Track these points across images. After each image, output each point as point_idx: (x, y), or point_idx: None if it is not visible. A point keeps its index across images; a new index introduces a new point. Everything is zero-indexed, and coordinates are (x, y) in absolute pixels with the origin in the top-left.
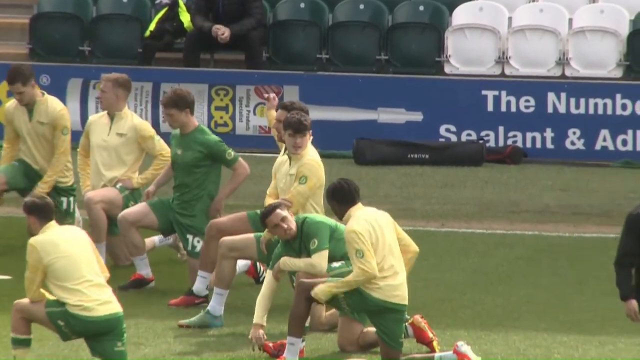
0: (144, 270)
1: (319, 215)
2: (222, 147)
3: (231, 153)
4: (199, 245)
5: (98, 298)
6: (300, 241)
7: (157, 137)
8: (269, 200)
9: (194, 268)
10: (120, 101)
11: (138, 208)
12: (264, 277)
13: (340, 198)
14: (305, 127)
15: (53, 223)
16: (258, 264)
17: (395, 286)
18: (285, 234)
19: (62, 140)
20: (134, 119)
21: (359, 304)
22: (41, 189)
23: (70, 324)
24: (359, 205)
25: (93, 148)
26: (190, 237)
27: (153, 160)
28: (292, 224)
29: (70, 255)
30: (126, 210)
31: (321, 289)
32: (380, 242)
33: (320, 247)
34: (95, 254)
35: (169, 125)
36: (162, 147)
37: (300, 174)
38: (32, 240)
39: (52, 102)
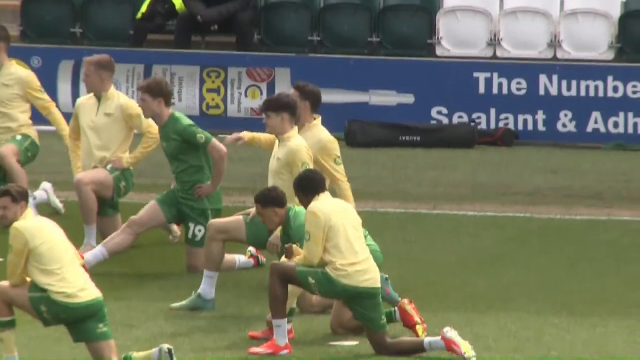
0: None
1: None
2: (192, 131)
3: (202, 136)
4: (199, 235)
5: (79, 284)
6: (285, 231)
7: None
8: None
9: (192, 254)
10: (105, 82)
11: (146, 210)
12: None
13: (306, 188)
14: (270, 106)
15: (30, 210)
16: (260, 256)
17: (363, 271)
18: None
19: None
20: (120, 98)
21: (329, 290)
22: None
23: (52, 310)
24: (326, 193)
25: (83, 129)
26: (191, 225)
27: (142, 139)
28: (270, 224)
29: (53, 240)
30: (140, 214)
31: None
32: (342, 226)
33: None
34: (68, 240)
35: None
36: (150, 125)
37: (294, 164)
38: (17, 224)
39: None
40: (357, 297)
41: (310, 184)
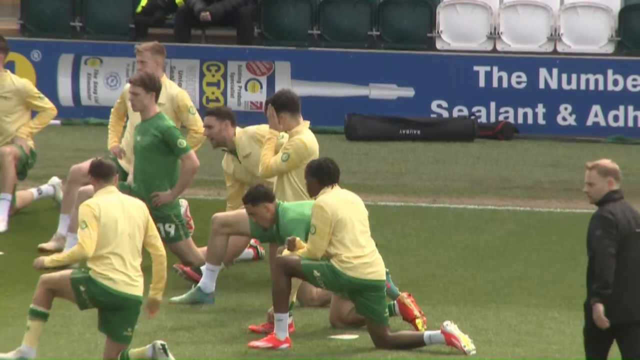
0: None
1: (295, 206)
2: (175, 134)
3: (183, 142)
4: (172, 230)
5: (124, 275)
6: (277, 229)
7: (194, 110)
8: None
9: (177, 251)
10: (159, 68)
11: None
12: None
13: (324, 177)
14: (272, 105)
15: (111, 188)
16: (259, 247)
17: (369, 264)
18: (257, 224)
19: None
20: (172, 88)
21: (334, 283)
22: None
23: (90, 291)
24: (337, 187)
25: (135, 120)
26: (160, 225)
27: (186, 136)
28: (264, 221)
29: (110, 223)
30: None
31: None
32: (349, 220)
33: None
34: (139, 234)
35: (130, 106)
36: (196, 122)
37: (284, 150)
38: (87, 201)
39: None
40: (363, 290)
41: (328, 174)
